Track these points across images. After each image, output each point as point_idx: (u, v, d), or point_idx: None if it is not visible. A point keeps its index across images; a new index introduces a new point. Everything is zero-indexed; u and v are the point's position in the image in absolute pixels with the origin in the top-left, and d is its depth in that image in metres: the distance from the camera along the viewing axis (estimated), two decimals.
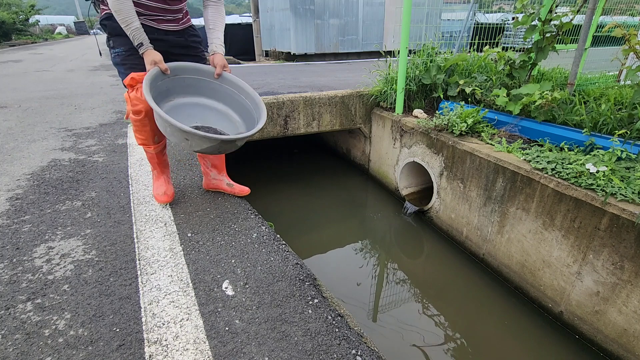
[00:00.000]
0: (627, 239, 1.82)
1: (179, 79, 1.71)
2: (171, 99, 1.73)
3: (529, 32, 2.92)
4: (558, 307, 2.27)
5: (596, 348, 2.09)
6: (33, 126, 3.34)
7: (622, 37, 2.20)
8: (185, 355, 1.11)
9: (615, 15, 3.72)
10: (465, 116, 2.99)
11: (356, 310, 2.46)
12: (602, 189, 1.94)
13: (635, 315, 1.85)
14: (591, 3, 2.68)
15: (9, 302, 1.30)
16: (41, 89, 5.07)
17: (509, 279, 2.61)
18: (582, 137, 2.44)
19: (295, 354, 1.13)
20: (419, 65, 3.68)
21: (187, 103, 1.75)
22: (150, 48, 1.63)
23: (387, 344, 2.20)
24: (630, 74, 2.25)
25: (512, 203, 2.45)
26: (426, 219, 3.47)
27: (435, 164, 3.18)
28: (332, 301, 1.39)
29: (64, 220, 1.83)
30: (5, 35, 17.93)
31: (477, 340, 2.24)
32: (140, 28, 1.59)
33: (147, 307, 1.29)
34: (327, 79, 5.34)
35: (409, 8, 3.14)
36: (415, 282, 2.78)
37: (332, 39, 8.97)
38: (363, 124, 4.13)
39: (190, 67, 1.72)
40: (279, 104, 3.57)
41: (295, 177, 4.65)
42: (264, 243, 1.72)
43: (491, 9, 4.98)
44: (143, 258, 1.56)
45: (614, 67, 3.53)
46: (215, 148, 1.56)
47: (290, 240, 2.63)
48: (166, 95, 1.71)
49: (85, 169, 2.44)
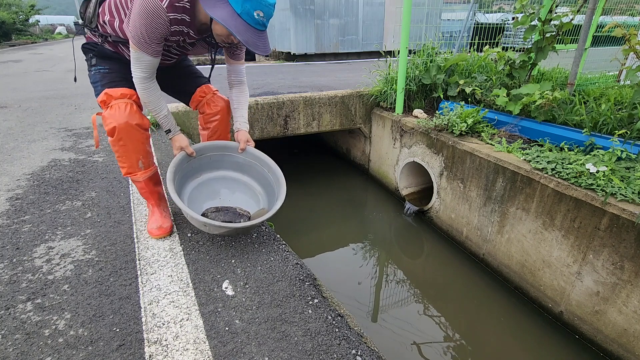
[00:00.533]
0: (627, 239, 1.82)
1: (205, 157, 1.82)
2: (199, 176, 1.84)
3: (529, 32, 2.92)
4: (558, 307, 2.27)
5: (596, 348, 2.09)
6: (33, 126, 3.34)
7: (622, 37, 2.20)
8: (185, 355, 1.11)
9: (615, 15, 3.72)
10: (465, 116, 2.99)
11: (356, 310, 2.46)
12: (602, 189, 1.94)
13: (635, 315, 1.85)
14: (591, 3, 2.68)
15: (9, 302, 1.30)
16: (41, 89, 5.07)
17: (509, 279, 2.61)
18: (582, 137, 2.44)
19: (295, 354, 1.13)
20: (419, 65, 3.68)
21: (213, 178, 1.87)
22: (179, 133, 1.65)
23: (387, 344, 2.20)
24: (630, 74, 2.25)
25: (512, 203, 2.45)
26: (426, 219, 3.47)
27: (435, 164, 3.18)
28: (332, 301, 1.39)
29: (64, 220, 1.83)
30: (5, 35, 17.93)
31: (477, 340, 2.24)
32: (170, 114, 1.60)
33: (147, 307, 1.29)
34: (327, 79, 5.34)
35: (409, 8, 3.14)
36: (415, 282, 2.78)
37: (332, 39, 8.96)
38: (363, 124, 4.13)
39: (215, 145, 1.83)
40: (279, 104, 3.57)
41: (295, 177, 4.65)
42: (264, 243, 1.72)
43: (491, 9, 4.99)
44: (143, 258, 1.56)
45: (614, 67, 3.53)
46: (231, 232, 1.64)
47: (290, 240, 2.62)
48: (194, 173, 1.82)
49: (85, 169, 2.44)
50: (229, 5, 1.28)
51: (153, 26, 1.31)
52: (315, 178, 4.64)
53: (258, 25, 1.33)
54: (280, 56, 9.74)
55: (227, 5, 1.28)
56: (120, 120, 1.45)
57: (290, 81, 5.05)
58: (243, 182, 1.93)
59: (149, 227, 1.73)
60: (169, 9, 1.30)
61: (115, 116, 1.45)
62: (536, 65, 3.08)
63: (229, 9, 1.28)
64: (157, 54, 1.43)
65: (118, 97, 1.50)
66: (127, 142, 1.51)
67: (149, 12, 1.28)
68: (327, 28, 8.78)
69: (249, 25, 1.31)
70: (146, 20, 1.29)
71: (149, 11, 1.28)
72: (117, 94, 1.49)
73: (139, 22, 1.30)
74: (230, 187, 1.91)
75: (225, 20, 1.27)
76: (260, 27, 1.35)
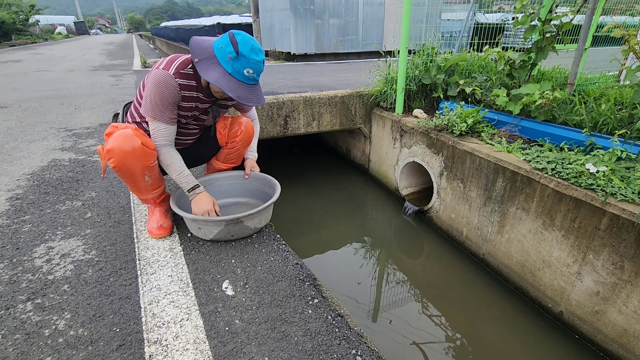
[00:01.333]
0: (627, 239, 1.82)
1: (215, 187, 1.98)
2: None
3: (529, 32, 2.92)
4: (558, 307, 2.27)
5: (596, 348, 2.09)
6: (33, 126, 3.34)
7: (621, 37, 2.20)
8: (185, 355, 1.11)
9: (615, 15, 3.72)
10: (465, 116, 2.99)
11: (356, 310, 2.46)
12: (602, 189, 1.94)
13: (635, 315, 1.85)
14: (591, 3, 2.68)
15: (9, 302, 1.30)
16: (41, 89, 5.07)
17: (509, 279, 2.61)
18: (582, 137, 2.44)
19: (295, 354, 1.13)
20: (419, 65, 3.68)
21: (225, 204, 1.99)
22: (203, 190, 1.68)
23: (387, 344, 2.20)
24: (630, 74, 2.25)
25: (512, 203, 2.45)
26: (426, 219, 3.47)
27: (435, 164, 3.18)
28: (332, 301, 1.39)
29: (64, 220, 1.83)
30: (5, 35, 17.94)
31: (477, 340, 2.24)
32: (190, 173, 1.67)
33: (147, 307, 1.29)
34: (327, 79, 5.34)
35: (409, 8, 3.15)
36: (415, 282, 2.78)
37: (332, 39, 8.96)
38: (363, 124, 4.13)
39: (223, 176, 2.01)
40: (279, 104, 3.57)
41: (295, 177, 4.65)
42: (264, 243, 1.72)
43: (491, 9, 4.98)
44: (143, 258, 1.56)
45: (614, 67, 3.53)
46: (225, 232, 1.65)
47: (290, 240, 2.63)
48: None
49: (85, 169, 2.44)
50: (221, 67, 1.42)
51: (166, 94, 1.45)
52: (315, 178, 4.64)
53: (249, 81, 1.46)
54: (280, 56, 9.74)
55: (219, 67, 1.42)
56: (119, 153, 1.45)
57: (290, 81, 5.05)
58: (253, 204, 2.00)
59: (149, 226, 1.73)
60: (176, 75, 1.46)
61: (116, 151, 1.44)
62: (536, 65, 3.08)
63: (221, 70, 1.42)
64: (172, 122, 1.56)
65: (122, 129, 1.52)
66: (133, 167, 1.52)
67: (160, 82, 1.43)
68: (327, 28, 8.78)
69: (240, 82, 1.44)
70: (159, 89, 1.44)
71: (160, 81, 1.43)
72: (123, 127, 1.51)
73: (153, 93, 1.45)
74: (241, 211, 1.96)
75: (218, 81, 1.40)
76: (251, 82, 1.47)
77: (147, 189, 1.63)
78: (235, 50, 1.38)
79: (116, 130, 1.47)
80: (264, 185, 1.99)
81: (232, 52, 1.39)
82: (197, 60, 1.42)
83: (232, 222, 1.62)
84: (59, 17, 40.92)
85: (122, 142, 1.42)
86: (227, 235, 1.67)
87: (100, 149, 1.50)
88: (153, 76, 1.44)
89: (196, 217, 1.59)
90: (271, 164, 4.94)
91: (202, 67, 1.42)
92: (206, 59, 1.42)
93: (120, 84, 5.50)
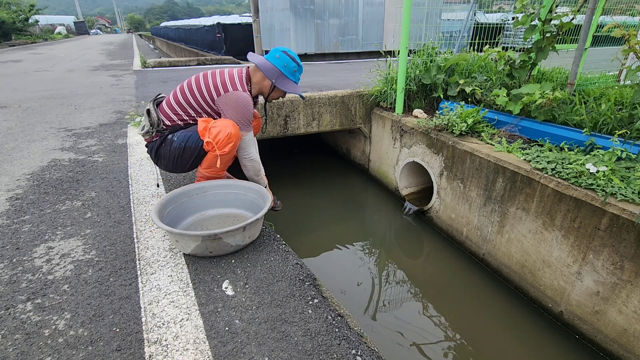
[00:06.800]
0: (627, 239, 1.82)
1: (209, 195, 1.95)
2: (203, 212, 1.93)
3: (529, 32, 2.92)
4: (558, 307, 2.27)
5: (596, 348, 2.09)
6: (33, 126, 3.34)
7: (621, 37, 2.20)
8: (185, 355, 1.11)
9: (615, 15, 3.72)
10: (465, 116, 2.99)
11: (356, 310, 2.46)
12: (602, 189, 1.94)
13: (635, 315, 1.85)
14: (591, 3, 2.68)
15: (9, 302, 1.30)
16: (41, 89, 5.07)
17: (509, 279, 2.61)
18: (582, 137, 2.44)
19: (295, 354, 1.13)
20: (419, 65, 3.68)
21: (216, 215, 1.95)
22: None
23: (387, 344, 2.20)
24: (630, 74, 2.25)
25: (512, 203, 2.45)
26: (426, 219, 3.47)
27: (435, 163, 3.18)
28: (332, 301, 1.39)
29: (64, 220, 1.83)
30: (5, 35, 17.93)
31: (477, 340, 2.24)
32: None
33: (147, 307, 1.29)
34: (327, 78, 5.34)
35: (409, 8, 3.14)
36: (415, 282, 2.78)
37: (332, 39, 8.96)
38: (363, 124, 4.13)
39: (219, 184, 1.99)
40: (278, 104, 3.57)
41: (295, 177, 4.65)
42: (264, 243, 1.72)
43: (491, 9, 4.98)
44: (143, 258, 1.56)
45: (614, 67, 3.53)
46: (202, 248, 1.53)
47: (290, 240, 2.63)
48: (197, 210, 1.91)
49: (85, 169, 2.43)
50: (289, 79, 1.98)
51: (250, 110, 1.91)
52: (315, 178, 4.64)
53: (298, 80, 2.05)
54: None
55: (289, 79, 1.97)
56: (234, 138, 1.89)
57: None
58: (247, 217, 1.91)
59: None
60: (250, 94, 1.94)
61: (233, 135, 1.86)
62: (536, 65, 3.08)
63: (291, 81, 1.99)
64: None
65: None
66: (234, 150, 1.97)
67: (246, 102, 1.87)
68: (327, 28, 8.77)
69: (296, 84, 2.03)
70: (246, 107, 1.87)
71: (246, 102, 1.87)
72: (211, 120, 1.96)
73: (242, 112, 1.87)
74: (228, 222, 1.90)
75: (295, 89, 1.99)
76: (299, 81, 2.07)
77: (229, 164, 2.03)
78: (297, 64, 1.96)
79: (213, 123, 1.82)
80: (258, 198, 1.90)
81: (296, 66, 1.96)
82: (274, 80, 1.94)
83: (209, 238, 1.49)
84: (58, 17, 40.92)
85: (234, 129, 1.81)
86: (205, 251, 1.54)
87: (210, 142, 1.79)
88: (238, 98, 1.85)
89: (172, 230, 1.49)
90: (271, 164, 4.94)
91: (281, 84, 1.95)
92: (279, 77, 1.94)
93: (120, 84, 5.50)
